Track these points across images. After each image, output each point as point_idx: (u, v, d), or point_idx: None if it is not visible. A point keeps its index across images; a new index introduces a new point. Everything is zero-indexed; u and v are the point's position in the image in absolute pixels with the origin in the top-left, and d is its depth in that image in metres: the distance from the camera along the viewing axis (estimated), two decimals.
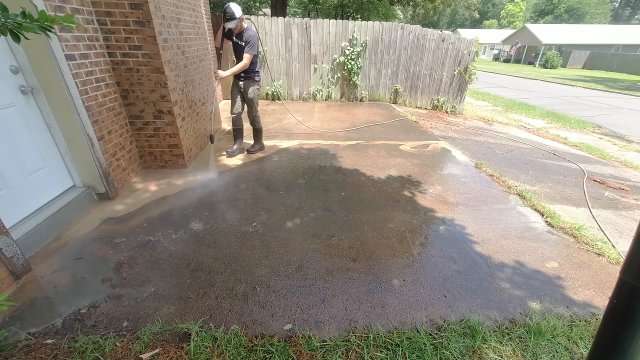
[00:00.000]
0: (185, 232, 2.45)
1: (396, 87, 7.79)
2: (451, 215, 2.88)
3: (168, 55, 3.09)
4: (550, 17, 49.74)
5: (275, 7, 12.38)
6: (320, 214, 2.81)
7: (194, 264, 2.12)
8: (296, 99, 7.67)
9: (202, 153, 4.09)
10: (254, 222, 2.63)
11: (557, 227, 2.78)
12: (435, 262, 2.26)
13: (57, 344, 1.51)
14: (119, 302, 1.78)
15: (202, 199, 2.95)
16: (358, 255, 2.28)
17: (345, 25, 7.09)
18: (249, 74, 3.73)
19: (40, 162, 2.37)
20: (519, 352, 1.60)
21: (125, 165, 3.12)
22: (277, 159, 4.06)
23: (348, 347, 1.57)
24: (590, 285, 2.14)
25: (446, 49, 7.29)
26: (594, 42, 30.41)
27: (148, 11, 2.74)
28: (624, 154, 5.70)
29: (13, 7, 1.09)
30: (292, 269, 2.12)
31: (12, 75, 2.17)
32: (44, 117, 2.40)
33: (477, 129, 6.35)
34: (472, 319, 1.76)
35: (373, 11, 14.84)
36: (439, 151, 4.63)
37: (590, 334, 1.74)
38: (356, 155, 4.25)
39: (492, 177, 3.76)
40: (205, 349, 1.51)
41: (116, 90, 2.98)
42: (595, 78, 20.24)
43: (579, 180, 4.02)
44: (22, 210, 2.20)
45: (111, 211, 2.67)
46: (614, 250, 2.54)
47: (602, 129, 7.55)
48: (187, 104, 3.61)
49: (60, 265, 2.03)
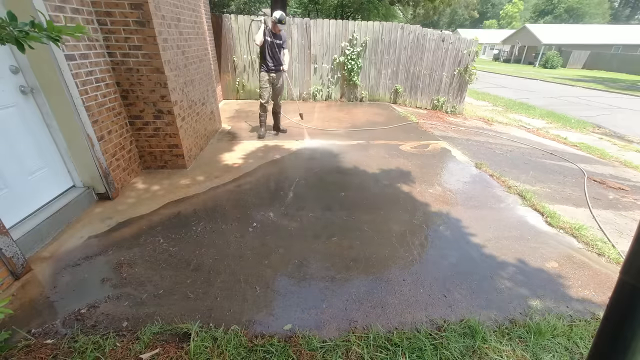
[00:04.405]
0: (185, 232, 2.45)
1: (396, 87, 7.79)
2: (451, 215, 2.88)
3: (168, 55, 3.09)
4: (550, 17, 49.76)
5: (275, 7, 12.36)
6: (320, 213, 2.81)
7: (194, 264, 2.12)
8: (296, 99, 7.67)
9: (202, 153, 4.09)
10: (254, 222, 2.63)
11: (557, 227, 2.78)
12: (435, 262, 2.26)
13: (57, 344, 1.51)
14: (118, 302, 1.78)
15: (204, 200, 2.95)
16: (358, 255, 2.28)
17: (345, 25, 7.09)
18: (278, 66, 4.41)
19: (40, 162, 2.37)
20: (519, 352, 1.60)
21: (125, 165, 3.12)
22: (277, 159, 4.06)
23: (348, 347, 1.57)
24: (590, 285, 2.14)
25: (446, 49, 7.29)
26: (594, 42, 30.39)
27: (148, 11, 2.74)
28: (624, 154, 5.69)
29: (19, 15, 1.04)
30: (292, 268, 2.12)
31: (12, 75, 2.17)
32: (44, 117, 2.40)
33: (477, 129, 6.35)
34: (472, 319, 1.76)
35: (373, 11, 14.82)
36: (439, 151, 4.63)
37: (590, 334, 1.74)
38: (356, 155, 4.25)
39: (492, 177, 3.76)
40: (205, 349, 1.51)
41: (116, 90, 2.98)
42: (595, 78, 20.23)
43: (579, 181, 4.02)
44: (22, 210, 2.20)
45: (111, 211, 2.67)
46: (614, 250, 2.54)
47: (602, 129, 7.55)
48: (187, 104, 3.62)
49: (60, 266, 2.03)
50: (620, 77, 22.02)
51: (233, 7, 14.73)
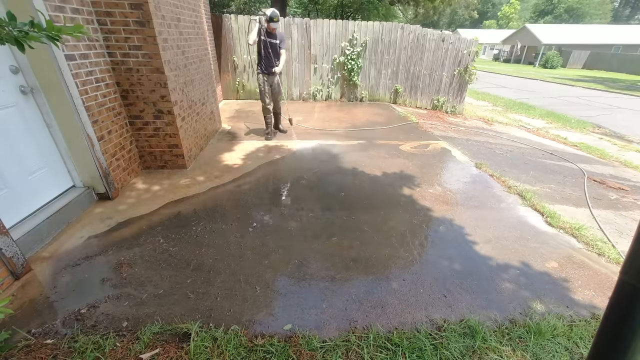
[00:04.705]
0: (185, 232, 2.45)
1: (396, 87, 7.79)
2: (451, 215, 2.88)
3: (168, 55, 3.09)
4: (550, 17, 49.75)
5: (275, 7, 12.37)
6: (320, 213, 2.81)
7: (194, 264, 2.12)
8: (296, 99, 7.67)
9: (202, 153, 4.09)
10: (254, 222, 2.63)
11: (557, 227, 2.78)
12: (435, 262, 2.26)
13: (57, 344, 1.51)
14: (118, 302, 1.78)
15: (204, 200, 2.95)
16: (358, 255, 2.28)
17: (345, 25, 7.09)
18: (270, 67, 4.27)
19: (40, 162, 2.37)
20: (519, 352, 1.60)
21: (125, 165, 3.12)
22: (277, 159, 4.06)
23: (348, 347, 1.57)
24: (590, 285, 2.14)
25: (446, 49, 7.29)
26: (594, 42, 30.38)
27: (148, 11, 2.74)
28: (624, 154, 5.69)
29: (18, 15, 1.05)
30: (292, 268, 2.12)
31: (12, 75, 2.17)
32: (44, 117, 2.40)
33: (477, 129, 6.35)
34: (472, 319, 1.76)
35: (373, 11, 14.82)
36: (439, 151, 4.63)
37: (590, 334, 1.74)
38: (356, 155, 4.25)
39: (492, 177, 3.76)
40: (205, 349, 1.51)
41: (116, 90, 2.98)
42: (596, 78, 20.22)
43: (579, 181, 4.02)
44: (22, 210, 2.20)
45: (111, 211, 2.67)
46: (614, 250, 2.54)
47: (602, 129, 7.55)
48: (187, 104, 3.61)
49: (60, 266, 2.03)
50: (620, 77, 22.01)
51: (233, 7, 14.73)
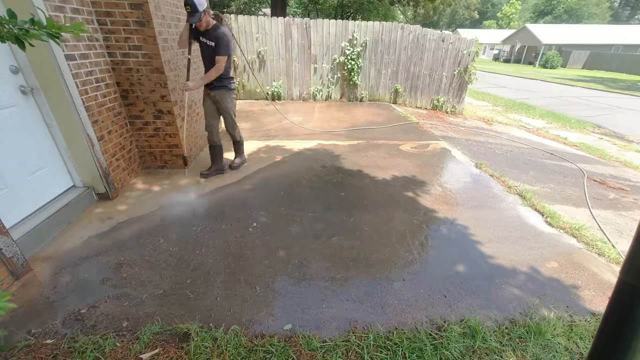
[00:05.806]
0: (185, 232, 2.45)
1: (396, 87, 7.79)
2: (451, 215, 2.88)
3: (168, 55, 3.09)
4: (549, 18, 49.76)
5: (275, 7, 12.37)
6: (320, 213, 2.80)
7: (194, 264, 2.12)
8: (296, 99, 7.66)
9: (202, 153, 4.09)
10: (254, 222, 2.63)
11: (557, 227, 2.78)
12: (435, 262, 2.26)
13: (57, 344, 1.51)
14: (118, 302, 1.78)
15: (205, 199, 2.95)
16: (358, 255, 2.28)
17: (345, 25, 7.09)
18: (221, 81, 3.04)
19: (40, 162, 2.37)
20: (519, 352, 1.60)
21: (125, 165, 3.12)
22: (277, 159, 4.05)
23: (348, 347, 1.57)
24: (590, 285, 2.14)
25: (446, 49, 7.29)
26: (594, 42, 30.39)
27: (148, 11, 2.74)
28: (624, 154, 5.69)
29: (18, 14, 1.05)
30: (292, 268, 2.12)
31: (12, 75, 2.17)
32: (44, 117, 2.40)
33: (477, 129, 6.35)
34: (472, 319, 1.76)
35: (373, 11, 14.85)
36: (439, 151, 4.63)
37: (590, 334, 1.74)
38: (356, 155, 4.25)
39: (492, 177, 3.76)
40: (205, 349, 1.51)
41: (116, 90, 2.97)
42: (596, 78, 20.22)
43: (579, 181, 4.02)
44: (22, 210, 2.20)
45: (111, 211, 2.67)
46: (614, 250, 2.54)
47: (602, 129, 7.55)
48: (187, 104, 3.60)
49: (60, 266, 2.03)
50: (620, 77, 22.02)
51: (233, 7, 14.74)
